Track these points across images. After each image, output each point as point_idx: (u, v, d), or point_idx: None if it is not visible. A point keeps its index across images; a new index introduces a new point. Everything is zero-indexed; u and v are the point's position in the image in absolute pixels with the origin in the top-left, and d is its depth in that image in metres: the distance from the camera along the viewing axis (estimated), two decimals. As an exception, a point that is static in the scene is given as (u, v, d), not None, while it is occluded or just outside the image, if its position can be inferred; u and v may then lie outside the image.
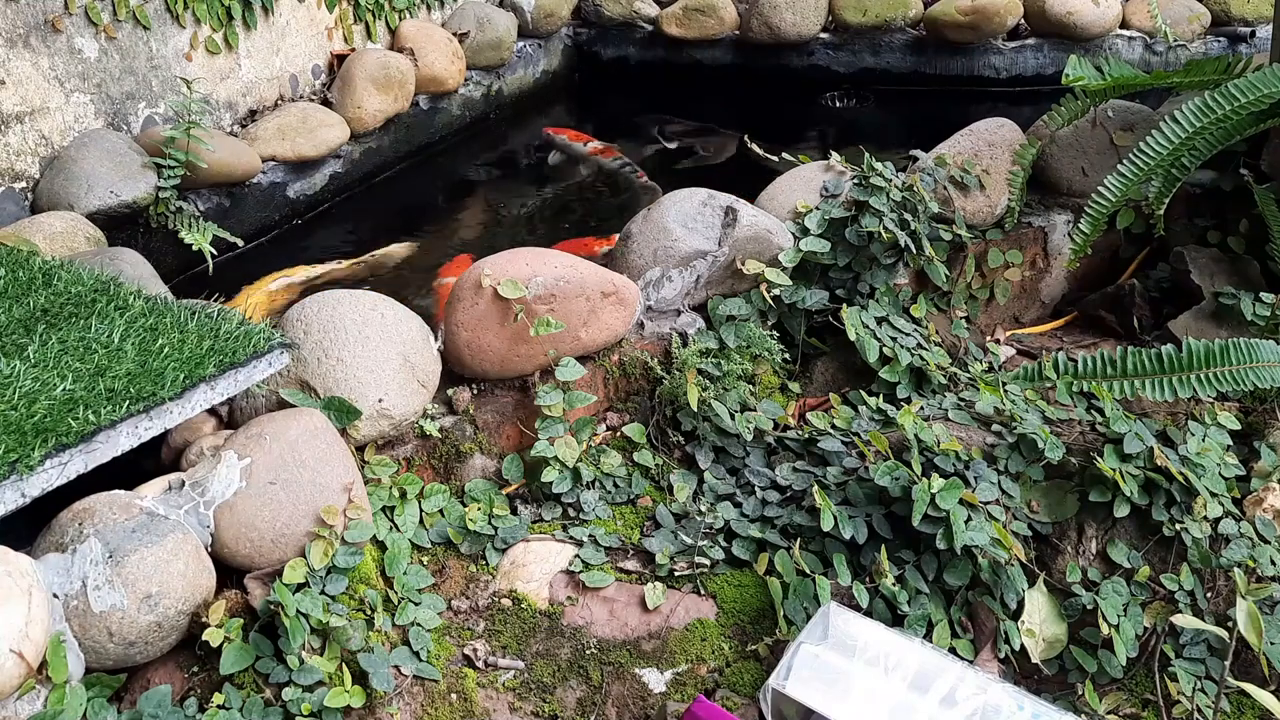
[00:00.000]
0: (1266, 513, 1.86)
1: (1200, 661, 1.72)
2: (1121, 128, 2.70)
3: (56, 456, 1.52)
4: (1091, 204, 2.32)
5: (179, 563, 1.52)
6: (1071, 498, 1.87)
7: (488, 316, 2.02)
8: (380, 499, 1.86)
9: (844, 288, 2.40)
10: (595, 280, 2.10)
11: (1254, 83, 2.20)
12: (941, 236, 2.49)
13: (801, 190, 2.53)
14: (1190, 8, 4.50)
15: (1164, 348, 1.92)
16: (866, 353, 2.28)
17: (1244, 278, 2.48)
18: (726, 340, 2.25)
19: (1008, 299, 2.67)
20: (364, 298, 2.00)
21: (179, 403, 1.67)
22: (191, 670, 1.56)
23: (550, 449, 1.98)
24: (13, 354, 1.73)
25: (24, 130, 2.85)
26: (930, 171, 2.54)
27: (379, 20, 4.08)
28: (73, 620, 1.46)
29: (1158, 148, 2.25)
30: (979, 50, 4.49)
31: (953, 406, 2.10)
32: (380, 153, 3.81)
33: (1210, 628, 1.59)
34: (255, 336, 1.81)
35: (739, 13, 4.65)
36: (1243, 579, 1.58)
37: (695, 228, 2.33)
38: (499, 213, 3.74)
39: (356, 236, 3.44)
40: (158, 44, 3.23)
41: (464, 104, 4.26)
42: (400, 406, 1.92)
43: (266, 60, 3.64)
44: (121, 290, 1.95)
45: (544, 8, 4.66)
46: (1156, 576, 1.81)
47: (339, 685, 1.55)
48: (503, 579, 1.86)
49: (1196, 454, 1.87)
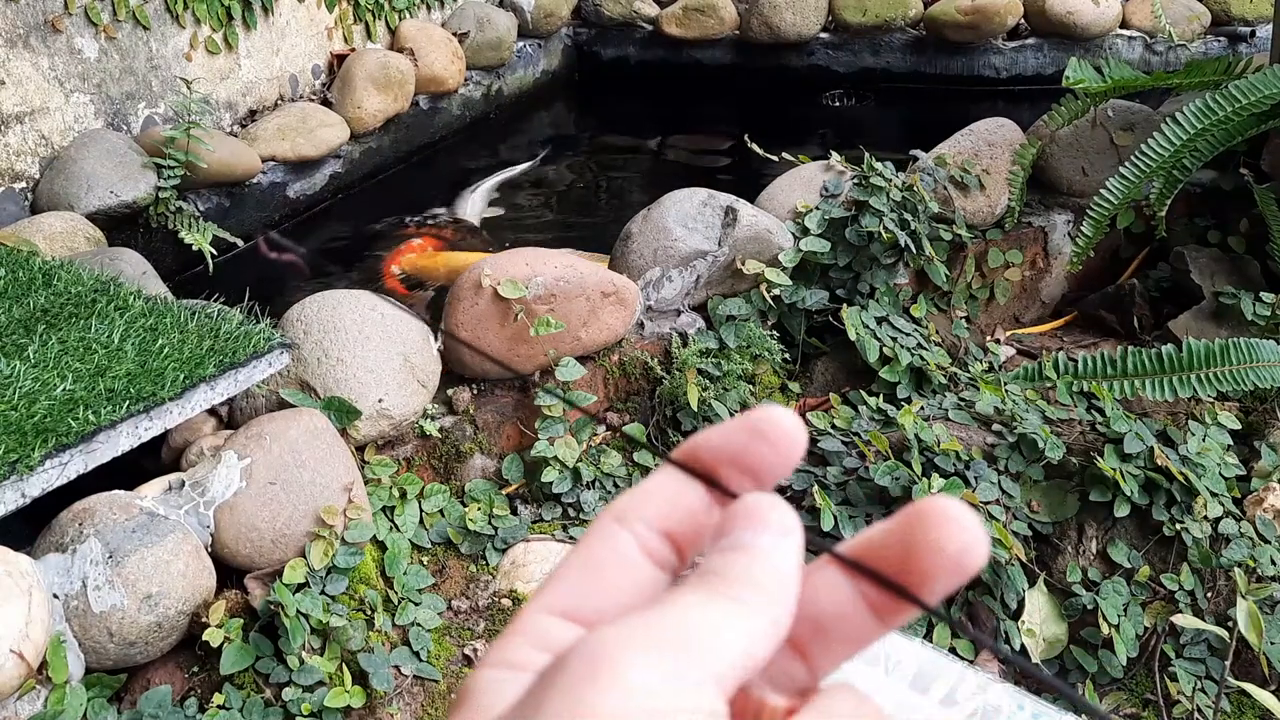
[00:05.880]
0: (1267, 513, 1.86)
1: (1200, 661, 1.72)
2: (1122, 128, 2.70)
3: (56, 456, 1.52)
4: (1093, 206, 2.32)
5: (179, 563, 1.52)
6: (1071, 498, 1.87)
7: (488, 316, 2.02)
8: (380, 499, 1.86)
9: (844, 288, 2.40)
10: (595, 280, 2.10)
11: (1255, 84, 2.20)
12: (941, 236, 2.49)
13: (801, 190, 2.52)
14: (1190, 7, 4.50)
15: (1164, 348, 1.92)
16: (866, 353, 2.28)
17: (1244, 277, 2.47)
18: (726, 340, 2.25)
19: (1008, 299, 2.67)
20: (364, 298, 2.00)
21: (179, 403, 1.67)
22: (191, 670, 1.56)
23: (550, 449, 1.98)
24: (13, 354, 1.73)
25: (24, 130, 2.85)
26: (930, 171, 2.54)
27: (379, 20, 4.08)
28: (73, 620, 1.46)
29: (1159, 149, 2.25)
30: (979, 50, 4.49)
31: (953, 406, 2.10)
32: (380, 153, 3.81)
33: (1210, 627, 1.59)
34: (255, 337, 1.81)
35: (739, 13, 4.65)
36: (1243, 579, 1.58)
37: (695, 228, 2.33)
38: (499, 211, 3.74)
39: (357, 237, 3.44)
40: (157, 44, 3.22)
41: (464, 104, 4.26)
42: (400, 406, 1.92)
43: (266, 60, 3.64)
44: (121, 290, 1.95)
45: (544, 8, 4.66)
46: (1156, 576, 1.81)
47: (339, 685, 1.55)
48: (503, 579, 1.86)
49: (1197, 454, 1.87)
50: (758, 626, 0.28)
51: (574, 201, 3.85)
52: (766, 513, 0.31)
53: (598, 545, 0.31)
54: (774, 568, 0.30)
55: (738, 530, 0.30)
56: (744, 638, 0.28)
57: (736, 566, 0.29)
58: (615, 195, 3.89)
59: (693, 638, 0.27)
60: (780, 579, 0.30)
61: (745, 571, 0.29)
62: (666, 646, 0.27)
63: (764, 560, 0.30)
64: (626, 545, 0.31)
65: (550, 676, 0.27)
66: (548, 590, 0.31)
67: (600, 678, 0.26)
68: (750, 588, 0.29)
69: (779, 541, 0.30)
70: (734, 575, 0.29)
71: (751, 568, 0.29)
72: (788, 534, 0.31)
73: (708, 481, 0.32)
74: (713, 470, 0.32)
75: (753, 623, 0.28)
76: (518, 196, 3.84)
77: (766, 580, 0.29)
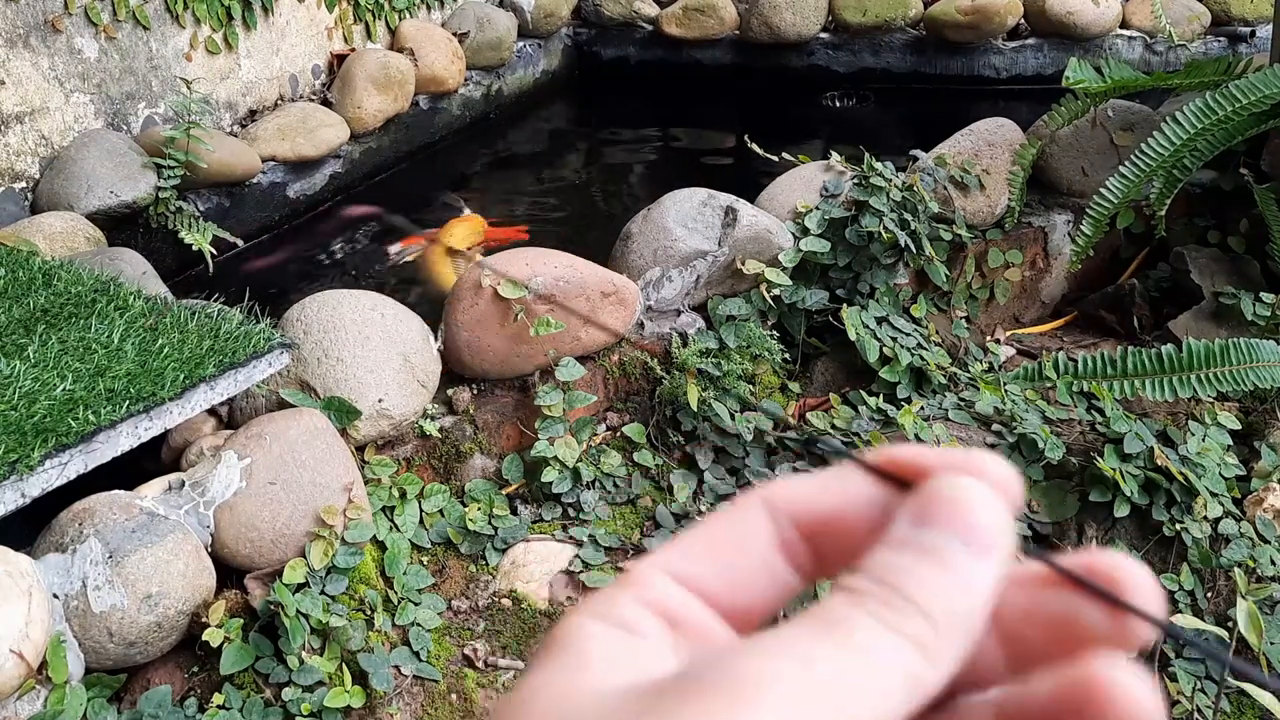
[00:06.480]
0: (1266, 513, 1.86)
1: (1200, 661, 1.72)
2: (1121, 128, 2.70)
3: (56, 456, 1.52)
4: (1093, 206, 2.32)
5: (179, 563, 1.52)
6: (1071, 498, 1.87)
7: (488, 316, 2.02)
8: (380, 499, 1.86)
9: (844, 288, 2.40)
10: (595, 280, 2.10)
11: (1255, 84, 2.20)
12: (941, 236, 2.49)
13: (801, 190, 2.52)
14: (1190, 7, 4.50)
15: (1164, 348, 1.92)
16: (866, 353, 2.28)
17: (1244, 278, 2.47)
18: (726, 340, 2.25)
19: (1008, 299, 2.67)
20: (364, 298, 2.00)
21: (179, 403, 1.67)
22: (191, 670, 1.56)
23: (550, 449, 1.98)
24: (13, 354, 1.73)
25: (24, 130, 2.85)
26: (930, 171, 2.54)
27: (379, 20, 4.08)
28: (73, 620, 1.46)
29: (1159, 149, 2.25)
30: (979, 50, 4.49)
31: (953, 406, 2.10)
32: (380, 153, 3.81)
33: (1210, 628, 1.59)
34: (255, 337, 1.81)
35: (739, 13, 4.65)
36: (1243, 579, 1.58)
37: (695, 228, 2.33)
38: (500, 212, 3.74)
39: (355, 237, 3.44)
40: (157, 44, 3.22)
41: (464, 104, 4.26)
42: (400, 406, 1.92)
43: (266, 60, 3.64)
44: (121, 290, 1.95)
45: (544, 8, 4.66)
46: (1156, 576, 1.80)
47: (339, 685, 1.55)
48: (503, 579, 1.86)
49: (1196, 454, 1.87)
50: (934, 677, 0.23)
51: (574, 201, 3.85)
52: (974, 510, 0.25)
53: (735, 522, 0.28)
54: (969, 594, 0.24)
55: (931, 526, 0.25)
56: (915, 691, 0.23)
57: (922, 585, 0.24)
58: (615, 195, 3.88)
59: (859, 683, 0.22)
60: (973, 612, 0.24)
61: (934, 598, 0.24)
62: (823, 688, 0.22)
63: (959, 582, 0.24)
64: (764, 531, 0.28)
65: (683, 689, 0.22)
66: (671, 550, 0.27)
67: (739, 712, 0.22)
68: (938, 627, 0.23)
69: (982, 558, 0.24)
70: (918, 599, 0.24)
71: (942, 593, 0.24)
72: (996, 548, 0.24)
73: (898, 482, 0.27)
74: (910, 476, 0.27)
75: (930, 673, 0.23)
76: (517, 196, 3.84)
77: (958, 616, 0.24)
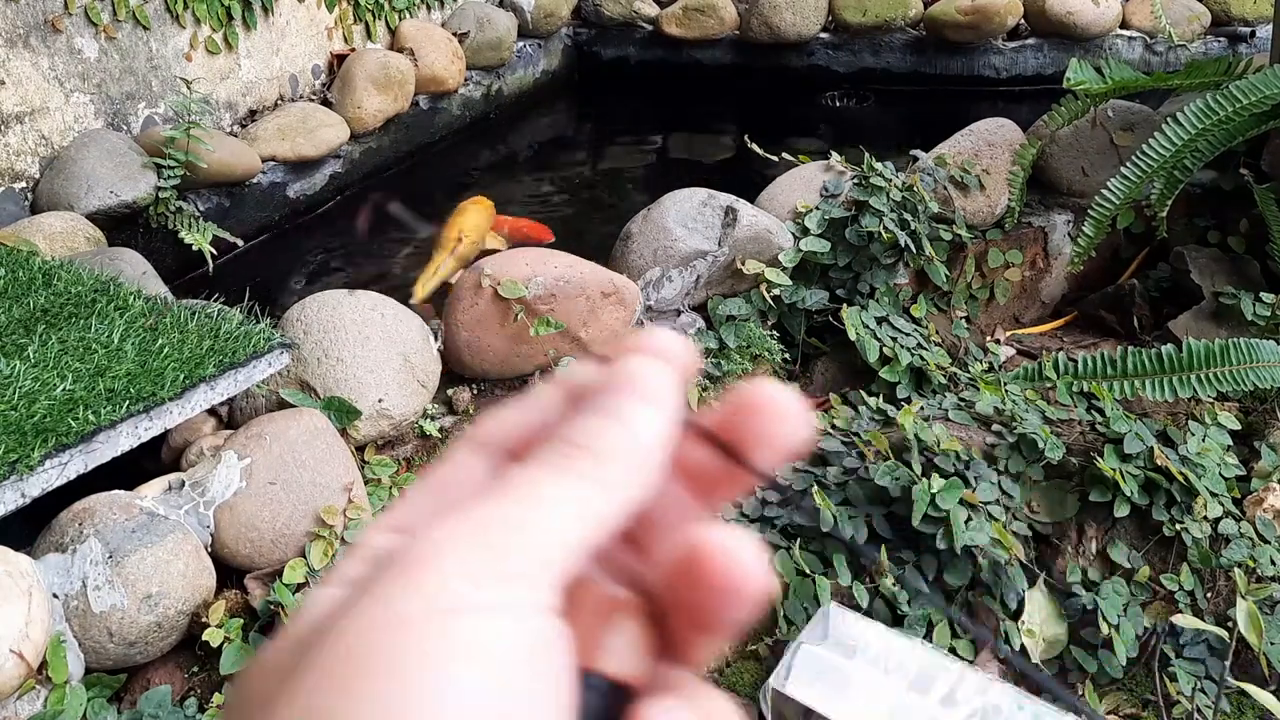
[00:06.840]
0: (1267, 513, 1.86)
1: (1200, 661, 1.72)
2: (1122, 128, 2.70)
3: (56, 456, 1.52)
4: (1095, 206, 2.32)
5: (179, 563, 1.52)
6: (1071, 498, 1.87)
7: (488, 316, 2.02)
8: (380, 499, 1.86)
9: (844, 288, 2.40)
10: (595, 280, 2.10)
11: (1255, 84, 2.20)
12: (941, 236, 2.49)
13: (801, 190, 2.52)
14: (1190, 7, 4.50)
15: (1164, 348, 1.92)
16: (866, 353, 2.28)
17: (1244, 278, 2.47)
18: (726, 340, 2.25)
19: (1008, 299, 2.67)
20: (364, 298, 2.00)
21: (179, 403, 1.67)
22: (191, 670, 1.56)
23: (550, 449, 1.98)
24: (13, 354, 1.73)
25: (24, 130, 2.85)
26: (930, 171, 2.54)
27: (379, 20, 4.08)
28: (73, 620, 1.46)
29: (1160, 150, 2.25)
30: (979, 50, 4.49)
31: (953, 406, 2.10)
32: (380, 153, 3.81)
33: (1210, 628, 1.59)
34: (255, 337, 1.81)
35: (739, 13, 4.65)
36: (1243, 579, 1.58)
37: (695, 228, 2.33)
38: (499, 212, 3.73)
39: (355, 236, 3.44)
40: (157, 44, 3.22)
41: (464, 104, 4.26)
42: (400, 406, 1.92)
43: (266, 60, 3.64)
44: (121, 290, 1.95)
45: (544, 8, 4.66)
46: (1156, 576, 1.81)
47: (339, 685, 1.55)
48: (503, 579, 1.86)
49: (1196, 454, 1.87)
50: (607, 507, 0.25)
51: (574, 201, 3.85)
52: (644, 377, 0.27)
53: (449, 466, 0.28)
54: (637, 437, 0.26)
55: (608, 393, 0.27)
56: (590, 520, 0.24)
57: (594, 434, 0.26)
58: (615, 195, 3.88)
59: (528, 521, 0.23)
60: (643, 451, 0.26)
61: (603, 440, 0.25)
62: (494, 532, 0.23)
63: (627, 428, 0.26)
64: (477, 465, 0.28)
65: (364, 582, 0.23)
66: (392, 510, 0.27)
67: (412, 575, 0.22)
68: (606, 461, 0.25)
69: (648, 409, 0.26)
70: (590, 444, 0.25)
71: (611, 436, 0.26)
72: (661, 402, 0.27)
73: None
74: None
75: (602, 502, 0.25)
76: (517, 197, 3.84)
77: (626, 451, 0.26)
